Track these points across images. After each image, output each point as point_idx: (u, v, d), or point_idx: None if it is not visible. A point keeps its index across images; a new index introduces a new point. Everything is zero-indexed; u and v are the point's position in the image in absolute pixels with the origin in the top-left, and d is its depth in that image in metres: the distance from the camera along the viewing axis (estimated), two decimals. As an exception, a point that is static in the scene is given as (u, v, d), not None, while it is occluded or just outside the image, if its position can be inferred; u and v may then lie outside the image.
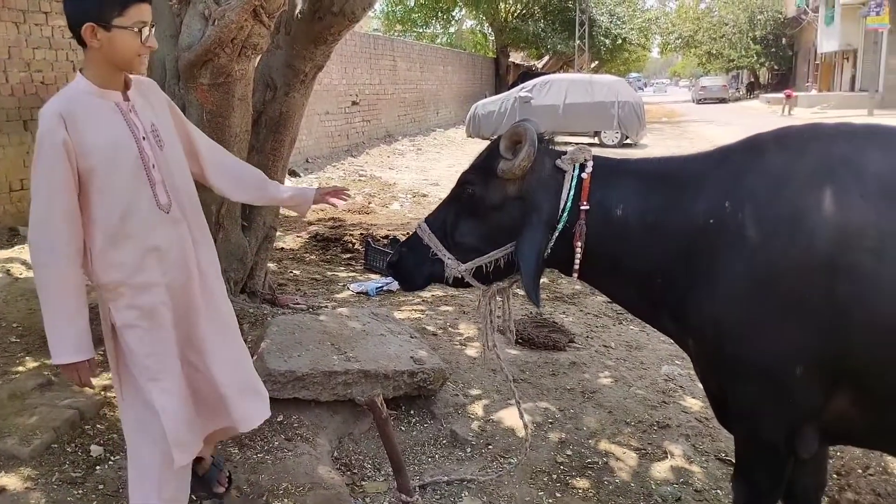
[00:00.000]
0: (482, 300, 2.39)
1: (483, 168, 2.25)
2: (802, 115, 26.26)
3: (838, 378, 1.84)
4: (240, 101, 3.64)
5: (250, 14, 3.19)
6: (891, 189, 1.78)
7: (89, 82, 1.95)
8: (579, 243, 2.12)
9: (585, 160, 2.17)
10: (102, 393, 3.33)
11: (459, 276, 2.27)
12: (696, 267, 1.99)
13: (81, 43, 1.91)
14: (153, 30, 1.96)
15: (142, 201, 2.00)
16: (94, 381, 3.37)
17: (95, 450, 2.92)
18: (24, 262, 5.67)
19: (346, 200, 2.64)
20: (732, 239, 1.91)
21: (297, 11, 4.16)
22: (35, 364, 3.58)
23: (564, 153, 2.21)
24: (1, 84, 6.87)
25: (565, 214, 2.12)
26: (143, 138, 2.00)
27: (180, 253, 2.08)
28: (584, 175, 2.14)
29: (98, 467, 2.82)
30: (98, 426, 3.08)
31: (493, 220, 2.22)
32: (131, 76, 2.05)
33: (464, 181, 2.29)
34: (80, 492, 2.67)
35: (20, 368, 3.55)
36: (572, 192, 2.13)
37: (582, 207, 2.11)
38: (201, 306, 2.14)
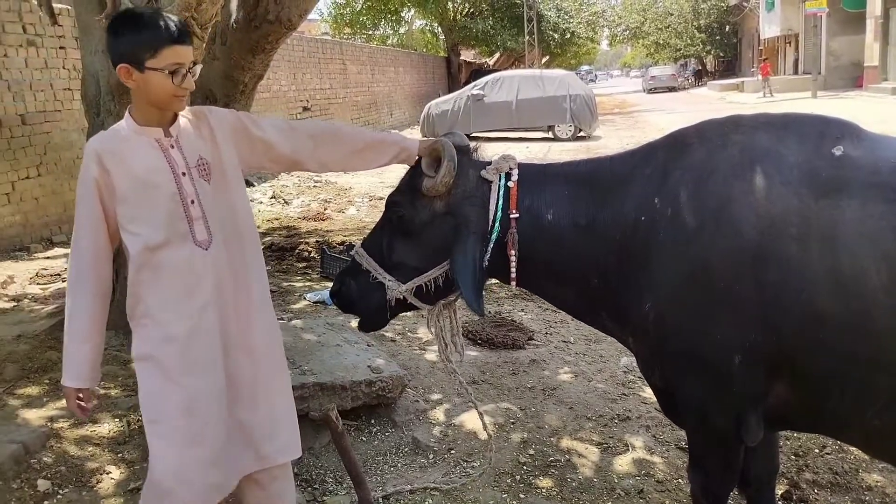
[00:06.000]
0: (430, 318, 2.37)
1: (408, 188, 2.25)
2: (749, 100, 26.83)
3: (776, 365, 1.86)
4: (177, 115, 3.54)
5: (181, 26, 3.10)
6: (810, 176, 1.82)
7: (132, 120, 1.97)
8: (513, 251, 2.12)
9: (511, 168, 2.17)
10: (49, 425, 3.21)
11: (401, 297, 2.24)
12: (631, 265, 2.01)
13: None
14: (195, 68, 1.94)
15: (176, 237, 1.96)
16: (40, 412, 3.29)
17: (42, 484, 2.81)
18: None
19: None
20: (663, 234, 1.93)
21: (232, 21, 4.07)
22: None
23: (489, 164, 2.21)
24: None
25: (497, 224, 2.12)
26: (184, 174, 1.97)
27: (216, 291, 2.00)
28: (510, 184, 2.14)
29: (46, 502, 2.72)
30: (45, 459, 2.97)
31: (426, 238, 2.21)
32: (185, 109, 2.04)
33: (391, 203, 2.28)
34: (28, 530, 2.57)
35: (-39, 404, 3.41)
36: (501, 202, 2.12)
37: (511, 216, 2.11)
38: (238, 346, 2.05)
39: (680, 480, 3.00)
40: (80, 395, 2.03)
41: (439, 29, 36.32)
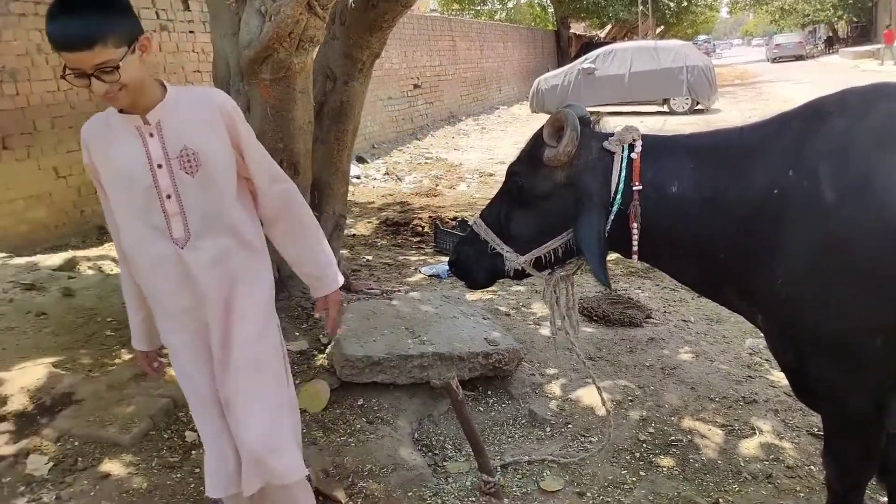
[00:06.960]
0: (547, 289, 2.38)
1: (529, 158, 2.24)
2: (885, 69, 24.74)
3: None
4: (301, 93, 3.69)
5: (305, 7, 3.21)
6: None
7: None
8: (635, 224, 2.08)
9: (634, 140, 2.12)
10: (192, 382, 3.46)
11: (520, 268, 2.27)
12: (761, 240, 1.92)
13: None
14: (114, 73, 1.67)
15: (152, 234, 1.86)
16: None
17: (190, 435, 3.05)
18: (113, 259, 5.95)
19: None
20: (799, 208, 1.83)
21: (350, 1, 4.18)
22: (130, 356, 3.75)
23: (611, 135, 2.17)
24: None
25: (619, 196, 2.08)
26: (160, 165, 1.82)
27: (196, 293, 1.90)
28: (633, 155, 2.09)
29: (193, 452, 2.94)
30: (190, 413, 3.21)
31: (546, 209, 2.20)
32: (175, 89, 1.88)
33: (512, 173, 2.28)
34: (178, 475, 2.80)
35: (116, 361, 3.72)
36: (623, 174, 2.08)
37: (634, 188, 2.07)
38: (227, 351, 1.94)
39: (812, 467, 2.87)
40: (147, 357, 2.18)
41: (548, 2, 35.69)
